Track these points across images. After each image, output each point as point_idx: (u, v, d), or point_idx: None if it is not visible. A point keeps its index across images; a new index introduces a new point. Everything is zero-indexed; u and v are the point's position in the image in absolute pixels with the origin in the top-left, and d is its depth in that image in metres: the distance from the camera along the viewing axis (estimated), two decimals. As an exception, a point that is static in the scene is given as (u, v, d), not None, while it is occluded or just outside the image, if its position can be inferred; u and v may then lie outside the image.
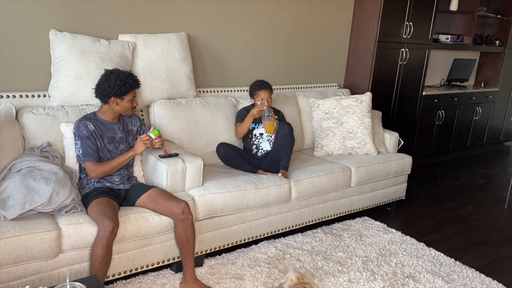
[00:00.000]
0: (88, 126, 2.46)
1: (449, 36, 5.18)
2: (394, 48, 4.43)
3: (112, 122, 2.56)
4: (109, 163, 2.49)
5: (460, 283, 2.75)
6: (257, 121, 3.26)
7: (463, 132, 5.62)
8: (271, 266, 2.78)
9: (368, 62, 4.33)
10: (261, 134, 3.26)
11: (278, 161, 3.12)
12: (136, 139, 2.68)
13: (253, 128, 3.27)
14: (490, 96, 5.79)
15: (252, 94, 3.28)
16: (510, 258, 3.17)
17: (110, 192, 2.46)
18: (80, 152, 2.48)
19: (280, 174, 3.05)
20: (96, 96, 2.53)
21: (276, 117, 3.19)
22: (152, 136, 2.55)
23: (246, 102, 3.46)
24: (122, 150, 2.58)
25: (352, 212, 3.56)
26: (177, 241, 2.47)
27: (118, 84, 2.44)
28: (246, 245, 3.01)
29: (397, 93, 4.62)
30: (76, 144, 2.51)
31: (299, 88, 4.12)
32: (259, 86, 3.23)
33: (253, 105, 3.32)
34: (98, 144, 2.48)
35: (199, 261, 2.73)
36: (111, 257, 2.24)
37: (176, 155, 2.68)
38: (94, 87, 2.52)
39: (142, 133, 2.71)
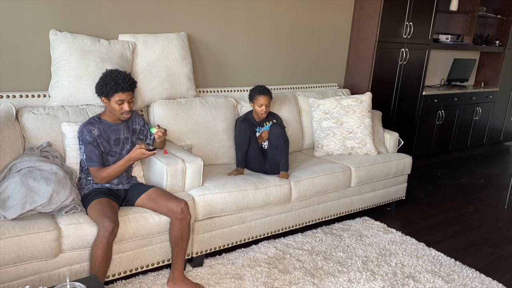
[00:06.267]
0: (92, 131, 2.44)
1: (449, 36, 5.18)
2: (394, 48, 4.42)
3: (116, 123, 2.54)
4: (110, 168, 2.46)
5: (460, 283, 2.75)
6: (259, 125, 3.28)
7: (463, 132, 5.62)
8: (271, 266, 2.78)
9: (368, 62, 4.32)
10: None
11: (277, 163, 3.12)
12: (138, 138, 2.68)
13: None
14: (490, 96, 5.79)
15: (251, 98, 3.27)
16: (510, 258, 3.17)
17: (109, 193, 2.46)
18: (84, 157, 2.48)
19: (279, 176, 3.05)
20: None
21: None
22: (153, 131, 2.54)
23: (246, 103, 3.47)
24: (128, 150, 2.57)
25: (352, 212, 3.56)
26: (171, 239, 2.47)
27: (100, 83, 2.45)
28: (246, 245, 3.01)
29: (397, 93, 4.62)
30: (80, 148, 2.51)
31: (299, 88, 4.12)
32: (259, 91, 3.22)
33: (251, 112, 3.33)
34: (103, 149, 2.47)
35: (199, 261, 2.73)
36: (111, 257, 2.24)
37: (154, 149, 2.48)
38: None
39: (146, 132, 2.71)
